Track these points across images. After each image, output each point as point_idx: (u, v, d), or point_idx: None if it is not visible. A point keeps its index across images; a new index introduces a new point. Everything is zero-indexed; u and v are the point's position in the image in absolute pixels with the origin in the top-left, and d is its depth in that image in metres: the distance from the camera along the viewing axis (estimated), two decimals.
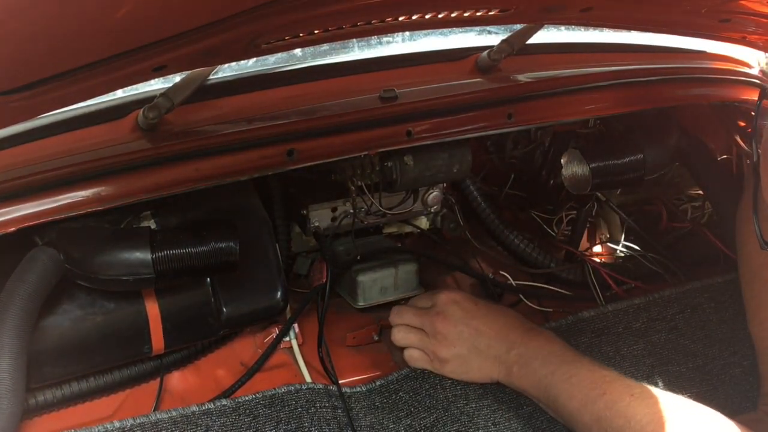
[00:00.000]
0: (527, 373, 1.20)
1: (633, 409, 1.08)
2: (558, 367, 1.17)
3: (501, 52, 1.29)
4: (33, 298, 1.02)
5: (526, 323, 1.27)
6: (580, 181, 1.39)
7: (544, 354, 1.20)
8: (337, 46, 1.37)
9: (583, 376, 1.14)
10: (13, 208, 0.98)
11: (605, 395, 1.11)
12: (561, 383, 1.15)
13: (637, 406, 1.08)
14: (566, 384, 1.15)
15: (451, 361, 1.26)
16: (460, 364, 1.26)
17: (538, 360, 1.20)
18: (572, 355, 1.19)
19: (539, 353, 1.20)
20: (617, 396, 1.10)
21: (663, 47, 1.53)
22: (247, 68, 1.28)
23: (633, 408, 1.08)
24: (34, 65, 0.71)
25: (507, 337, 1.24)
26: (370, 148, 1.18)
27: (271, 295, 1.24)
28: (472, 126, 1.23)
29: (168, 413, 1.16)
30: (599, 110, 1.35)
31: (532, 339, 1.23)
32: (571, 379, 1.15)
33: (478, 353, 1.25)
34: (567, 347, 1.21)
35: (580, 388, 1.13)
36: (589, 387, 1.13)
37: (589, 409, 1.11)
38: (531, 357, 1.21)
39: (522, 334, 1.24)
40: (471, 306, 1.28)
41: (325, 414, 1.24)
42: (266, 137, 1.10)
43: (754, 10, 1.04)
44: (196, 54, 0.82)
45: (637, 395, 1.09)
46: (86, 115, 1.13)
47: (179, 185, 1.05)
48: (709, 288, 1.50)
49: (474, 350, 1.25)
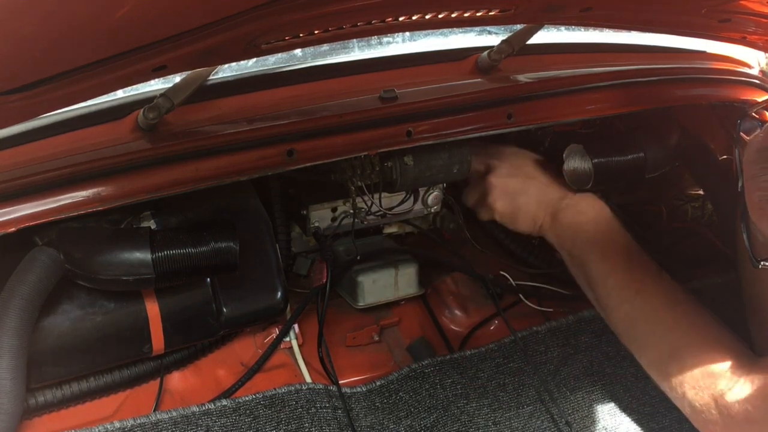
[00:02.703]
0: (572, 222, 1.26)
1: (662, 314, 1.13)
2: (603, 236, 1.23)
3: (501, 52, 1.29)
4: (33, 298, 1.02)
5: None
6: (582, 177, 1.39)
7: (593, 213, 1.25)
8: (337, 46, 1.37)
9: (621, 251, 1.20)
10: (13, 208, 0.98)
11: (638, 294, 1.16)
12: (598, 247, 1.21)
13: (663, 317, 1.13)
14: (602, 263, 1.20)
15: (501, 201, 1.31)
16: (511, 203, 1.31)
17: (588, 215, 1.26)
18: (617, 229, 1.25)
19: (591, 211, 1.26)
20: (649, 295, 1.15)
21: (663, 47, 1.53)
22: (247, 68, 1.28)
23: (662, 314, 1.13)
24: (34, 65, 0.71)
25: (561, 188, 1.30)
26: (370, 148, 1.18)
27: (271, 296, 1.24)
28: (472, 126, 1.23)
29: (168, 413, 1.16)
30: (599, 110, 1.35)
31: (584, 196, 1.28)
32: (610, 246, 1.21)
33: (529, 194, 1.30)
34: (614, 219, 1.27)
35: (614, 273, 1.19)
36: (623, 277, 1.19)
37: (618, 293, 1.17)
38: (581, 211, 1.26)
39: (577, 191, 1.30)
40: (530, 156, 1.33)
41: (325, 414, 1.24)
42: (266, 137, 1.10)
43: (754, 10, 1.04)
44: (196, 54, 0.82)
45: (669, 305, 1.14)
46: (86, 115, 1.12)
47: (179, 185, 1.05)
48: (709, 288, 1.50)
49: (525, 190, 1.30)
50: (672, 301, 1.14)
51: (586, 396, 1.37)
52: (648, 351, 1.14)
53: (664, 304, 1.14)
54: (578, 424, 1.34)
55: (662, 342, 1.12)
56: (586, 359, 1.41)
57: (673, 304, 1.14)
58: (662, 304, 1.14)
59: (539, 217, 1.30)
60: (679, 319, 1.12)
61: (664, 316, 1.13)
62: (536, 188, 1.30)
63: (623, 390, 1.38)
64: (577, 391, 1.37)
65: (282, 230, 1.36)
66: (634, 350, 1.16)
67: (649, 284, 1.16)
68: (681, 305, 1.14)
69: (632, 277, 1.17)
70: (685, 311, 1.13)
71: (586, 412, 1.35)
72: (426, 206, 1.43)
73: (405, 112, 1.18)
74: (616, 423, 1.35)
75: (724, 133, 1.55)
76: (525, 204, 1.30)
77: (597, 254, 1.21)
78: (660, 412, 1.35)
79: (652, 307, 1.14)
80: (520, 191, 1.31)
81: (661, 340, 1.12)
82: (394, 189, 1.31)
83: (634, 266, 1.19)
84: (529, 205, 1.30)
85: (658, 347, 1.12)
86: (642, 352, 1.14)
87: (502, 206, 1.32)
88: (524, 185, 1.31)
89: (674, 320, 1.12)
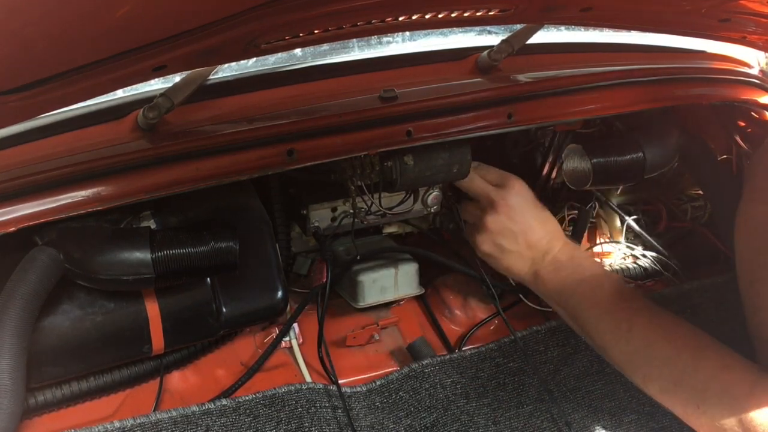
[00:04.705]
0: (554, 278, 1.26)
1: (660, 345, 1.14)
2: (587, 285, 1.23)
3: (501, 52, 1.29)
4: (33, 298, 1.02)
5: (566, 237, 1.33)
6: (581, 177, 1.39)
7: (575, 265, 1.26)
8: (337, 46, 1.37)
9: (606, 293, 1.21)
10: (13, 208, 0.98)
11: (631, 331, 1.16)
12: (584, 296, 1.22)
13: (662, 347, 1.13)
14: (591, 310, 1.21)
15: (488, 245, 1.32)
16: (497, 250, 1.32)
17: (568, 270, 1.26)
18: (600, 272, 1.27)
19: (570, 264, 1.27)
20: (642, 329, 1.16)
21: (663, 47, 1.54)
22: (247, 68, 1.28)
23: (660, 345, 1.14)
24: (34, 65, 0.71)
25: (548, 243, 1.29)
26: (370, 148, 1.18)
27: (271, 295, 1.24)
28: (472, 126, 1.23)
29: (168, 413, 1.16)
30: (599, 110, 1.35)
31: (566, 250, 1.29)
32: (595, 291, 1.22)
33: (516, 248, 1.30)
34: (596, 263, 1.30)
35: (604, 316, 1.20)
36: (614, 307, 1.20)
37: (612, 335, 1.18)
38: (561, 266, 1.27)
39: (562, 246, 1.30)
40: (531, 205, 1.33)
41: (325, 414, 1.24)
42: (266, 137, 1.10)
43: (754, 10, 1.04)
44: (196, 54, 0.82)
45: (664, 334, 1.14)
46: (86, 115, 1.13)
47: (179, 185, 1.05)
48: (709, 288, 1.51)
49: (514, 244, 1.30)
50: (667, 331, 1.14)
51: (586, 396, 1.37)
52: (654, 381, 1.14)
53: (659, 335, 1.14)
54: (578, 424, 1.34)
55: (666, 371, 1.12)
56: (586, 359, 1.41)
57: (669, 333, 1.14)
58: (657, 335, 1.14)
59: (522, 273, 1.31)
60: (680, 347, 1.12)
61: (663, 346, 1.13)
62: (525, 243, 1.30)
63: (623, 390, 1.38)
64: (577, 391, 1.37)
65: (282, 230, 1.36)
66: (639, 383, 1.15)
67: (641, 318, 1.16)
68: (677, 333, 1.14)
69: (622, 317, 1.18)
70: (683, 337, 1.13)
71: (586, 412, 1.35)
72: (426, 206, 1.43)
73: (405, 112, 1.18)
74: (616, 423, 1.35)
75: (724, 133, 1.55)
76: (509, 257, 1.31)
77: (584, 303, 1.22)
78: (660, 412, 1.35)
79: (647, 341, 1.14)
80: (509, 242, 1.30)
81: (664, 370, 1.12)
82: (394, 189, 1.31)
83: (623, 306, 1.19)
84: (514, 259, 1.31)
85: (662, 376, 1.12)
86: (648, 384, 1.14)
87: (489, 251, 1.33)
88: (515, 238, 1.30)
89: (674, 348, 1.12)
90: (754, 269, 1.29)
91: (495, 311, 1.50)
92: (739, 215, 1.34)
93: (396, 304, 1.49)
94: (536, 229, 1.30)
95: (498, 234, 1.31)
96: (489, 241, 1.32)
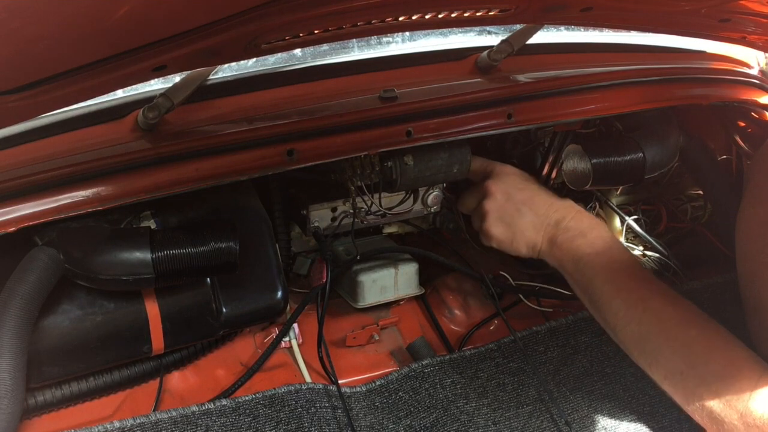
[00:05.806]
0: (571, 246, 1.25)
1: (674, 331, 1.13)
2: (605, 257, 1.22)
3: (501, 52, 1.29)
4: (33, 298, 1.02)
5: (580, 207, 1.32)
6: (581, 177, 1.39)
7: (593, 235, 1.25)
8: (337, 46, 1.37)
9: (624, 271, 1.20)
10: (13, 208, 0.98)
11: (645, 313, 1.15)
12: (600, 270, 1.20)
13: (675, 334, 1.12)
14: (606, 285, 1.19)
15: (497, 227, 1.32)
16: (507, 230, 1.31)
17: (586, 239, 1.24)
18: (618, 248, 1.24)
19: (589, 233, 1.25)
20: (656, 312, 1.14)
21: (663, 47, 1.53)
22: (247, 68, 1.28)
23: (674, 331, 1.13)
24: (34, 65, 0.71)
25: (558, 212, 1.29)
26: (370, 148, 1.18)
27: (271, 295, 1.24)
28: (472, 126, 1.23)
29: (168, 413, 1.16)
30: (599, 110, 1.35)
31: (583, 218, 1.28)
32: (612, 266, 1.20)
33: (524, 219, 1.30)
34: (615, 239, 1.27)
35: (619, 293, 1.18)
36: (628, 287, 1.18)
37: (625, 313, 1.16)
38: (579, 233, 1.25)
39: (575, 214, 1.29)
40: (523, 179, 1.33)
41: (325, 414, 1.24)
42: (266, 137, 1.10)
43: (754, 10, 1.04)
44: (196, 54, 0.82)
45: (679, 321, 1.13)
46: (86, 115, 1.13)
47: (179, 185, 1.05)
48: (709, 288, 1.50)
49: (520, 217, 1.30)
50: (682, 318, 1.13)
51: (586, 396, 1.37)
52: (660, 366, 1.13)
53: (674, 321, 1.13)
54: (578, 424, 1.34)
55: (675, 358, 1.11)
56: (586, 359, 1.41)
57: (684, 320, 1.13)
58: (672, 321, 1.13)
59: (537, 243, 1.30)
60: (693, 337, 1.11)
61: (676, 333, 1.12)
62: (532, 213, 1.30)
63: (623, 390, 1.38)
64: (577, 391, 1.37)
65: (282, 230, 1.36)
66: (645, 366, 1.15)
67: (657, 302, 1.15)
68: (693, 321, 1.13)
69: (638, 296, 1.16)
70: (698, 327, 1.12)
71: (586, 412, 1.35)
72: (426, 206, 1.43)
73: (405, 112, 1.18)
74: (616, 423, 1.35)
75: (724, 133, 1.55)
76: (521, 230, 1.30)
77: (600, 276, 1.20)
78: (660, 412, 1.35)
79: (661, 325, 1.13)
80: (515, 217, 1.30)
81: (674, 356, 1.11)
82: (394, 189, 1.31)
83: (639, 285, 1.18)
84: (525, 231, 1.30)
85: (671, 363, 1.11)
86: (654, 368, 1.14)
87: (499, 233, 1.32)
88: (520, 210, 1.30)
89: (688, 336, 1.11)
90: (755, 269, 1.29)
91: (495, 311, 1.50)
92: (740, 215, 1.34)
93: (396, 304, 1.49)
94: (539, 198, 1.31)
95: (502, 212, 1.31)
96: (496, 222, 1.32)
